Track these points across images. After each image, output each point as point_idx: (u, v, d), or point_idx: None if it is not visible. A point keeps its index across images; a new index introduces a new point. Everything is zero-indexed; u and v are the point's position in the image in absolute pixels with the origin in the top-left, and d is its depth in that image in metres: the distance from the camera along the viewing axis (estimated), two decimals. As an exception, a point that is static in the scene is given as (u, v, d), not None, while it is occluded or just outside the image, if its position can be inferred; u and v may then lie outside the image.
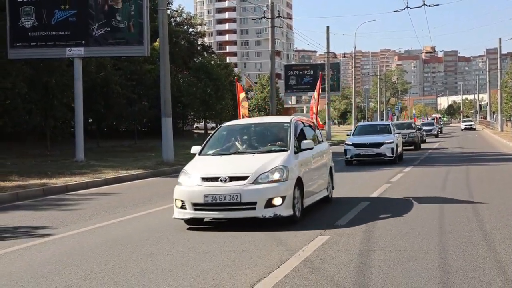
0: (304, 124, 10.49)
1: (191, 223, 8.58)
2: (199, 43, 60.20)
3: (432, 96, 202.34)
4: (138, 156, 24.65)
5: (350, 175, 16.75)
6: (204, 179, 8.40)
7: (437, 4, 37.85)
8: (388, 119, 62.76)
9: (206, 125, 50.25)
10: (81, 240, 8.00)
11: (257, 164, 8.50)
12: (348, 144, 21.00)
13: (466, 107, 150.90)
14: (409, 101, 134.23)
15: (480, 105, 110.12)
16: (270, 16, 34.31)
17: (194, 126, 62.55)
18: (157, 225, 8.95)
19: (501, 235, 7.34)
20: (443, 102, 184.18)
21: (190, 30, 58.49)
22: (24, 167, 19.04)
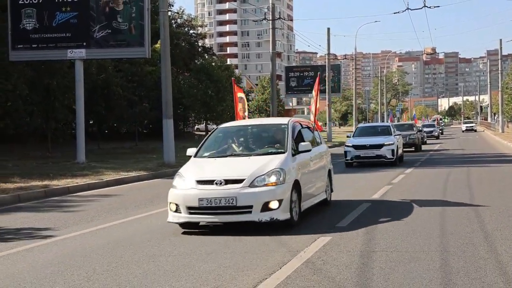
0: (302, 126, 10.28)
1: (186, 227, 8.45)
2: (200, 45, 60.27)
3: (433, 98, 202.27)
4: (139, 158, 24.67)
5: (351, 177, 16.76)
6: (199, 182, 8.23)
7: (438, 6, 37.80)
8: (389, 121, 62.74)
9: (207, 127, 50.27)
10: (83, 242, 8.03)
11: (253, 167, 8.31)
12: (348, 146, 20.79)
13: (467, 109, 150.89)
14: (410, 103, 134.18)
15: (481, 107, 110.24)
16: (271, 18, 34.29)
17: (195, 128, 62.56)
18: (159, 227, 8.96)
19: (502, 236, 7.36)
20: (444, 104, 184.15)
21: (191, 32, 58.57)
22: (26, 169, 19.07)
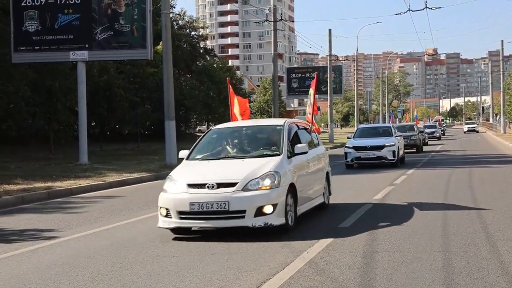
0: (299, 127, 9.99)
1: (178, 233, 8.18)
2: (202, 46, 60.34)
3: (435, 99, 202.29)
4: (141, 159, 24.72)
5: (353, 177, 16.79)
6: (190, 186, 7.94)
7: (439, 7, 37.98)
8: (390, 122, 62.76)
9: (209, 128, 50.32)
10: (87, 243, 8.07)
11: (247, 170, 8.02)
12: (349, 147, 20.54)
13: (469, 109, 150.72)
14: (412, 104, 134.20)
15: (483, 107, 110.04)
16: (273, 19, 34.35)
17: (197, 129, 62.65)
18: (162, 228, 8.97)
19: (504, 237, 7.38)
20: (446, 105, 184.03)
21: (193, 33, 58.62)
22: (28, 171, 19.12)
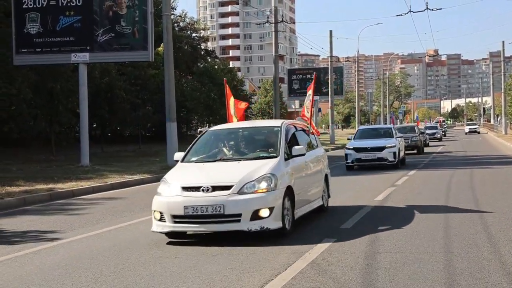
0: (297, 129, 9.80)
1: (172, 237, 8.02)
2: (203, 48, 60.33)
3: (436, 100, 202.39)
4: (143, 161, 24.73)
5: (354, 179, 16.80)
6: (185, 189, 7.77)
7: (440, 8, 37.93)
8: (391, 123, 62.78)
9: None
10: (90, 244, 8.09)
11: (243, 172, 7.84)
12: (349, 149, 20.43)
13: (470, 110, 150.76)
14: (413, 105, 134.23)
15: (484, 108, 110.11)
16: (274, 21, 34.39)
17: (198, 131, 62.59)
18: (164, 229, 9.00)
19: (506, 237, 7.40)
20: (447, 106, 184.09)
21: (194, 35, 58.61)
22: (30, 172, 19.15)
